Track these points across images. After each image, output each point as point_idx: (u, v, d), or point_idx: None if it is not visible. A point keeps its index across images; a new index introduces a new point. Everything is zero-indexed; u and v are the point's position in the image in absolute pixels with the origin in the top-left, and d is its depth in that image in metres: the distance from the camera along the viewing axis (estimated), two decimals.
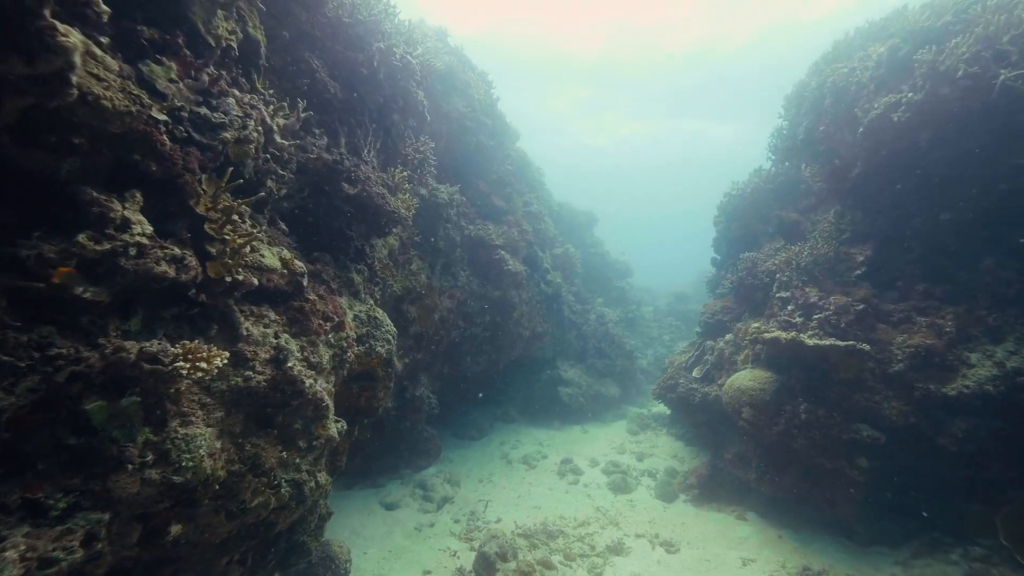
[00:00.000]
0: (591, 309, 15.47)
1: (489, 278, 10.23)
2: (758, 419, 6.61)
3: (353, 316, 4.83)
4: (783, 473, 7.08)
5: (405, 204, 5.03)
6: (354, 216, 4.95)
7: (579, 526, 7.60)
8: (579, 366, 13.84)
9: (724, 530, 7.35)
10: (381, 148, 5.87)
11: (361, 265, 5.35)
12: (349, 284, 4.95)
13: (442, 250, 9.00)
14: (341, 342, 4.20)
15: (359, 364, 4.74)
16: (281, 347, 3.25)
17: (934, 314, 5.93)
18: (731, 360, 8.12)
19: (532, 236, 11.45)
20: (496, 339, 10.79)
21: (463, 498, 8.63)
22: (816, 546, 6.69)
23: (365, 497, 8.43)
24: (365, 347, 4.81)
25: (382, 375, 4.96)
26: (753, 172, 10.15)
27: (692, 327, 20.10)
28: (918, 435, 5.71)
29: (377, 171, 5.00)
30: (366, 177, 4.66)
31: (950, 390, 5.49)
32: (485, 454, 10.82)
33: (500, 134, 10.85)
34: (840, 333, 6.01)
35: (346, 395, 4.81)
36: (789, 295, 6.69)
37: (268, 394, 3.18)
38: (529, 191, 12.58)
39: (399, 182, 5.07)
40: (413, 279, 8.01)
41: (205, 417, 2.86)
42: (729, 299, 9.52)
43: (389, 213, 4.78)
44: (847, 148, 6.43)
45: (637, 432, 12.07)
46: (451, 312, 9.48)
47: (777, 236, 9.60)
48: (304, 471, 3.65)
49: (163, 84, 2.25)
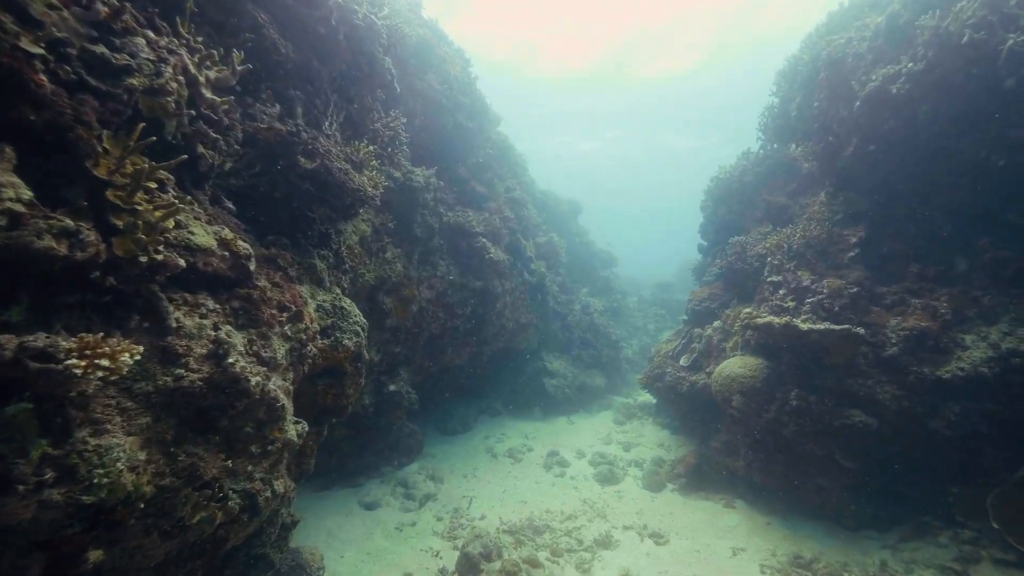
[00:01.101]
0: (576, 299, 15.20)
1: (470, 267, 9.83)
2: (748, 407, 6.39)
3: (316, 306, 4.40)
4: (772, 460, 6.91)
5: (372, 182, 4.60)
6: (315, 195, 4.50)
7: (566, 520, 7.34)
8: (564, 357, 13.57)
9: (713, 519, 7.17)
10: (345, 122, 5.40)
11: (325, 251, 4.91)
12: (311, 271, 4.51)
13: (419, 238, 8.55)
14: (300, 334, 3.78)
15: (324, 359, 4.32)
16: (221, 340, 2.83)
17: (928, 296, 5.75)
18: (720, 347, 7.89)
19: (515, 223, 11.06)
20: (479, 331, 10.42)
21: (446, 495, 8.30)
22: (805, 532, 6.55)
23: (343, 497, 8.04)
24: (330, 340, 4.39)
25: (350, 370, 4.56)
26: (741, 155, 9.91)
27: (677, 316, 20.05)
28: (911, 420, 5.54)
29: (340, 145, 4.55)
30: (326, 150, 4.22)
31: (944, 373, 5.32)
32: (469, 449, 10.50)
33: (479, 115, 10.39)
34: (834, 317, 5.80)
35: (310, 393, 4.39)
36: (781, 279, 6.45)
37: (207, 395, 2.76)
38: (511, 177, 12.16)
39: (365, 157, 4.62)
40: (388, 268, 7.57)
41: (125, 424, 2.43)
42: (717, 286, 9.30)
43: (354, 191, 4.35)
44: (842, 124, 6.17)
45: (623, 422, 11.89)
46: (430, 303, 9.07)
47: (765, 221, 9.39)
48: (258, 480, 3.25)
49: (38, 9, 1.79)
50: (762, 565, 5.70)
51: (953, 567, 4.90)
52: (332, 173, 4.24)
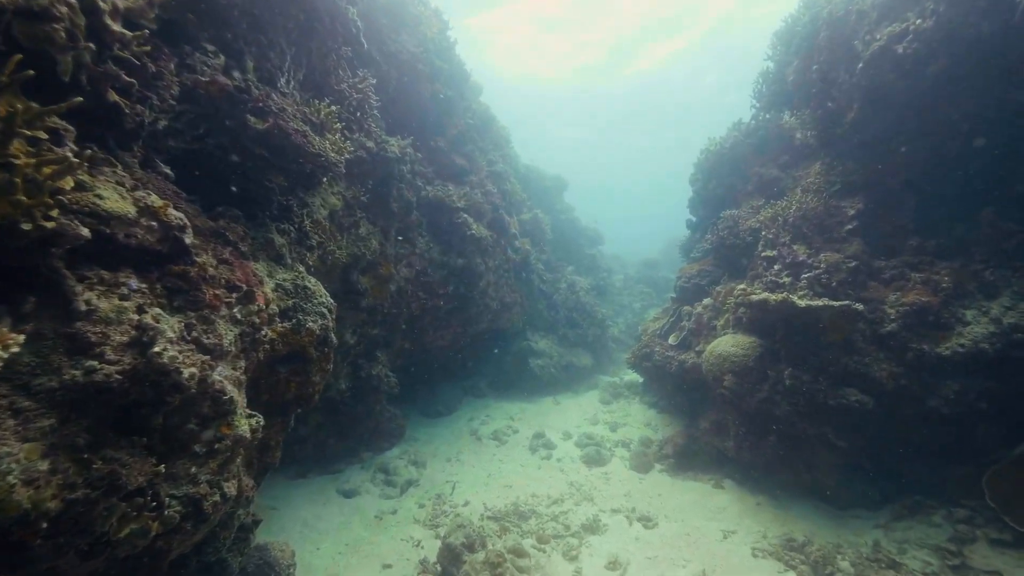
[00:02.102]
0: (562, 277, 14.87)
1: (451, 244, 9.37)
2: (740, 387, 6.17)
3: (274, 285, 3.95)
4: (763, 440, 6.76)
5: (336, 147, 4.10)
6: (270, 162, 3.99)
7: (552, 504, 7.14)
8: (550, 336, 13.31)
9: (702, 500, 7.04)
10: (306, 81, 4.85)
11: (286, 224, 4.43)
12: (268, 247, 4.04)
13: (396, 213, 8.04)
14: (252, 317, 3.34)
15: (284, 343, 3.89)
16: (145, 326, 2.39)
17: (928, 270, 5.52)
18: (710, 325, 7.66)
19: (498, 199, 10.57)
20: (462, 311, 10.03)
21: (429, 480, 8.03)
22: (795, 512, 6.45)
23: (321, 485, 7.71)
24: (291, 323, 3.96)
25: (316, 356, 4.14)
26: (732, 126, 9.52)
27: (663, 294, 19.91)
28: (908, 398, 5.38)
29: (298, 105, 4.03)
30: (280, 109, 3.71)
31: (944, 350, 5.13)
32: (453, 431, 10.23)
33: (459, 83, 9.77)
34: (831, 292, 5.56)
35: (271, 381, 3.98)
36: (776, 253, 6.17)
37: (129, 390, 2.34)
38: (494, 149, 11.60)
39: (327, 119, 4.11)
40: (362, 245, 7.08)
41: (20, 429, 2.00)
42: (707, 262, 9.03)
43: (313, 156, 3.86)
44: (843, 89, 5.81)
45: (610, 401, 11.73)
46: (409, 282, 8.63)
47: (756, 194, 9.09)
48: (204, 482, 2.85)
49: None
50: (754, 548, 5.56)
51: (948, 547, 4.80)
52: (288, 135, 3.74)
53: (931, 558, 4.83)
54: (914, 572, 4.72)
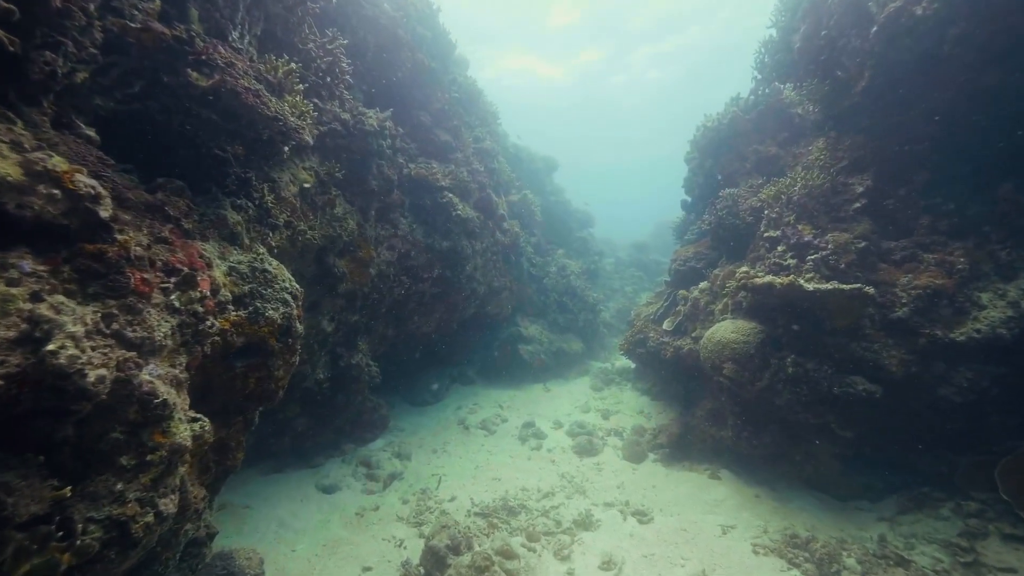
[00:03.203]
0: (552, 261, 14.46)
1: (436, 226, 8.87)
2: (741, 375, 5.85)
3: (227, 268, 3.46)
4: (762, 430, 6.49)
5: (297, 110, 3.58)
6: (221, 126, 3.47)
7: (543, 498, 6.83)
8: (540, 321, 12.95)
9: (698, 492, 6.78)
10: (265, 38, 4.28)
11: (243, 200, 3.91)
12: (219, 224, 3.54)
13: (375, 192, 7.50)
14: (194, 305, 2.87)
15: (240, 334, 3.43)
16: (39, 318, 1.91)
17: (941, 250, 5.20)
18: (707, 310, 7.32)
19: (485, 177, 10.05)
20: (448, 295, 9.58)
21: (414, 473, 7.67)
22: (795, 504, 6.22)
23: (299, 480, 7.31)
24: (248, 311, 3.48)
25: (278, 347, 3.68)
26: (730, 101, 9.07)
27: (654, 277, 19.62)
28: (919, 386, 5.10)
29: (252, 61, 3.49)
30: (227, 63, 3.17)
31: (959, 335, 4.84)
32: (440, 421, 9.88)
33: (444, 54, 9.15)
34: (840, 275, 5.22)
35: (226, 377, 3.51)
36: (779, 234, 5.81)
37: (20, 398, 1.87)
38: (481, 125, 11.02)
39: (285, 78, 3.58)
40: (338, 226, 6.56)
41: None
42: (703, 244, 8.66)
43: (269, 120, 3.34)
44: (854, 56, 5.39)
45: (601, 388, 11.46)
46: (391, 266, 8.13)
47: (754, 173, 8.70)
48: (132, 501, 2.41)
49: None
50: (754, 544, 5.30)
51: (959, 543, 4.57)
52: (237, 94, 3.21)
53: (941, 554, 4.60)
54: (924, 570, 4.49)
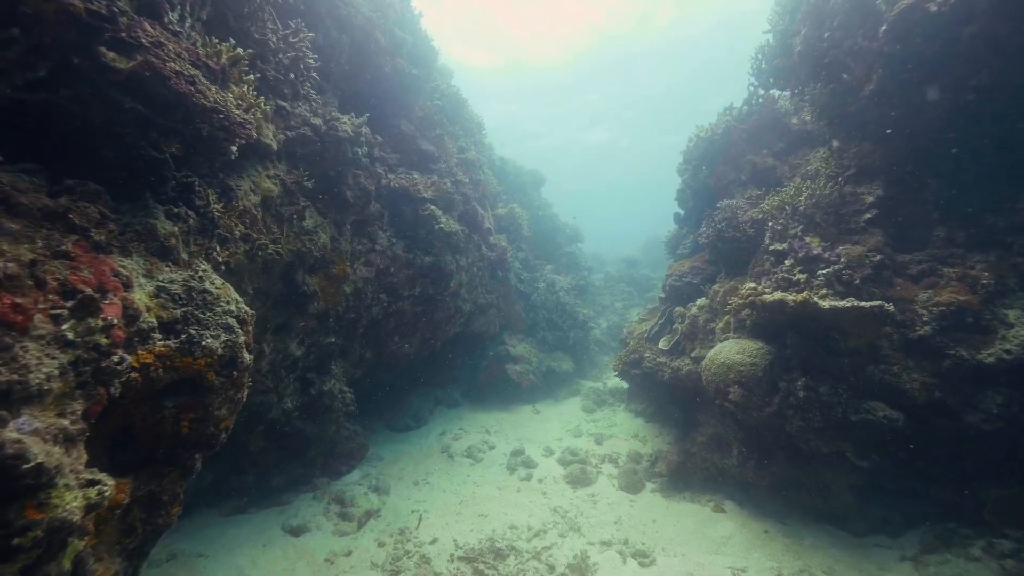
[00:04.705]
0: (541, 277, 13.99)
1: (418, 240, 8.34)
2: (748, 400, 5.37)
3: (154, 289, 2.88)
4: (770, 458, 6.00)
5: (245, 103, 3.05)
6: (150, 119, 2.92)
7: (534, 536, 6.22)
8: (529, 340, 12.40)
9: (702, 527, 6.23)
10: (214, 24, 3.76)
11: (181, 208, 3.35)
12: (147, 236, 2.96)
13: (352, 203, 6.96)
14: (95, 336, 2.28)
15: (168, 369, 2.83)
16: None
17: (961, 264, 4.82)
18: (707, 328, 6.86)
19: (470, 189, 9.58)
20: (430, 314, 9.01)
21: (392, 510, 6.99)
22: (809, 541, 5.70)
23: (263, 521, 6.58)
24: (179, 340, 2.89)
25: (219, 383, 3.08)
26: (724, 110, 8.79)
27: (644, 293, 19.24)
28: (943, 413, 4.66)
29: (188, 44, 2.96)
30: (154, 43, 2.64)
31: (987, 357, 4.43)
32: (423, 448, 9.20)
33: (425, 61, 8.73)
34: (854, 291, 4.81)
35: (152, 420, 2.90)
36: (786, 247, 5.41)
37: None
38: (465, 136, 10.60)
39: (231, 65, 3.05)
40: (308, 240, 5.99)
41: None
42: (699, 258, 8.26)
43: (207, 112, 2.81)
44: (861, 57, 5.08)
45: (593, 409, 10.92)
46: (369, 283, 7.56)
47: (750, 184, 8.37)
48: None
49: None
50: None
51: None
52: (165, 80, 2.67)
53: None
54: None
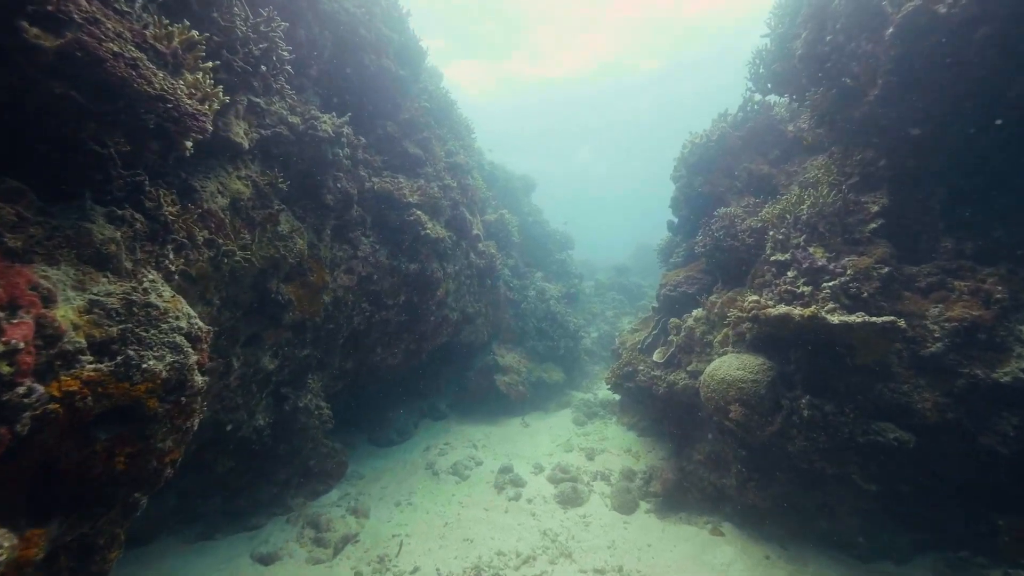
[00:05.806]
0: (531, 284, 13.67)
1: (402, 246, 7.96)
2: (750, 419, 5.07)
3: (86, 303, 2.48)
4: (771, 479, 5.70)
5: (199, 93, 2.68)
6: (86, 108, 2.53)
7: (523, 564, 5.84)
8: (518, 349, 12.05)
9: (700, 552, 5.91)
10: (174, 7, 3.39)
11: (126, 210, 2.95)
12: (79, 242, 2.56)
13: (332, 207, 6.58)
14: None
15: (99, 396, 2.42)
16: None
17: (972, 277, 4.60)
18: (704, 341, 6.58)
19: (458, 194, 9.24)
20: (416, 324, 8.62)
21: (372, 534, 6.56)
22: (812, 567, 5.41)
23: (231, 548, 6.13)
24: (115, 363, 2.49)
25: (162, 411, 2.67)
26: (718, 117, 8.60)
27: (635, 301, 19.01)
28: (956, 434, 4.41)
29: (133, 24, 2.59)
30: (88, 18, 2.27)
31: (1002, 375, 4.19)
32: (407, 464, 8.77)
33: (413, 61, 8.42)
34: (863, 305, 4.56)
35: (81, 456, 2.49)
36: (789, 257, 5.16)
37: None
38: (454, 139, 10.28)
39: (184, 50, 2.69)
40: (283, 246, 5.59)
41: None
42: (694, 267, 8.00)
43: (151, 99, 2.43)
44: (865, 62, 4.88)
45: (584, 422, 10.57)
46: (350, 292, 7.15)
47: (746, 192, 8.16)
48: None
49: None
50: None
51: None
52: (100, 62, 2.30)
53: None
54: None
